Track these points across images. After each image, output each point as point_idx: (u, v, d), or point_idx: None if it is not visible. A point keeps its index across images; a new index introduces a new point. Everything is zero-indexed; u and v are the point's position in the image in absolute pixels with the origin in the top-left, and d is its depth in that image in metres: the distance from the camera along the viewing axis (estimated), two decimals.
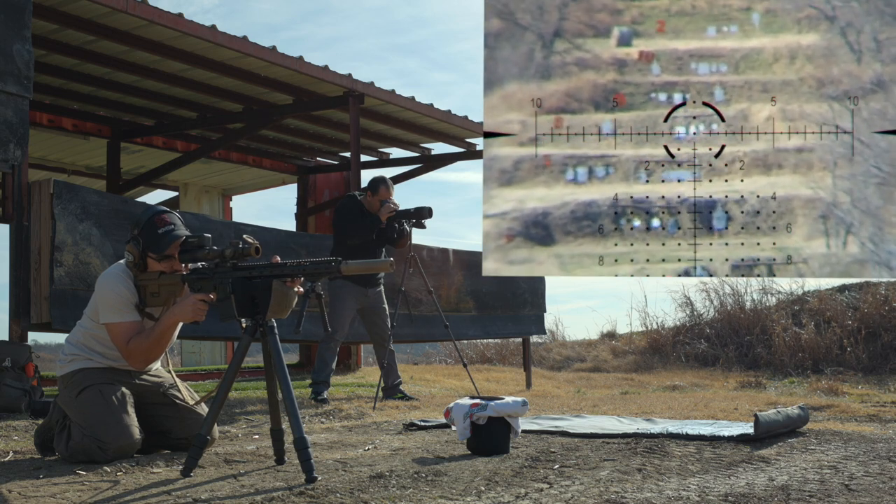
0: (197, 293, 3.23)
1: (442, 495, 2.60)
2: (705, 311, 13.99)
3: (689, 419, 4.85)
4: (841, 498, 2.62)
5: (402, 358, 14.65)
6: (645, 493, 2.66)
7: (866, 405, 6.51)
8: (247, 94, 8.48)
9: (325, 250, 6.86)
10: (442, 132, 9.92)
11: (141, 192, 11.67)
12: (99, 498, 2.60)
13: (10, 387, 4.98)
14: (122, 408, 3.31)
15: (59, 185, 5.25)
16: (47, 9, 6.25)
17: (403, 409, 5.70)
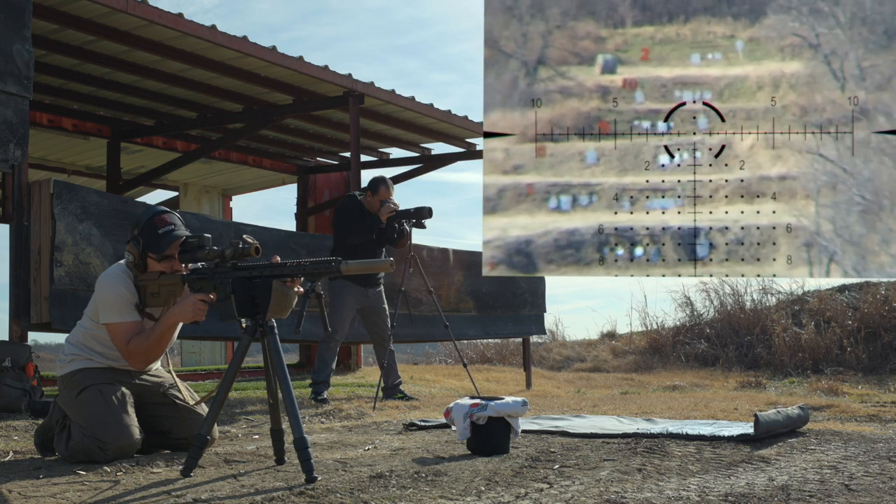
0: (197, 293, 3.23)
1: (442, 495, 2.60)
2: (705, 311, 14.00)
3: (689, 419, 4.85)
4: (841, 498, 2.62)
5: (402, 358, 14.65)
6: (645, 493, 2.66)
7: (866, 405, 6.50)
8: (247, 94, 8.48)
9: (325, 250, 6.86)
10: (442, 132, 9.92)
11: (141, 192, 11.67)
12: (99, 498, 2.60)
13: (10, 387, 4.98)
14: (122, 408, 3.31)
15: (59, 185, 5.25)
16: (47, 9, 6.25)
17: (403, 409, 5.70)
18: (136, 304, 3.38)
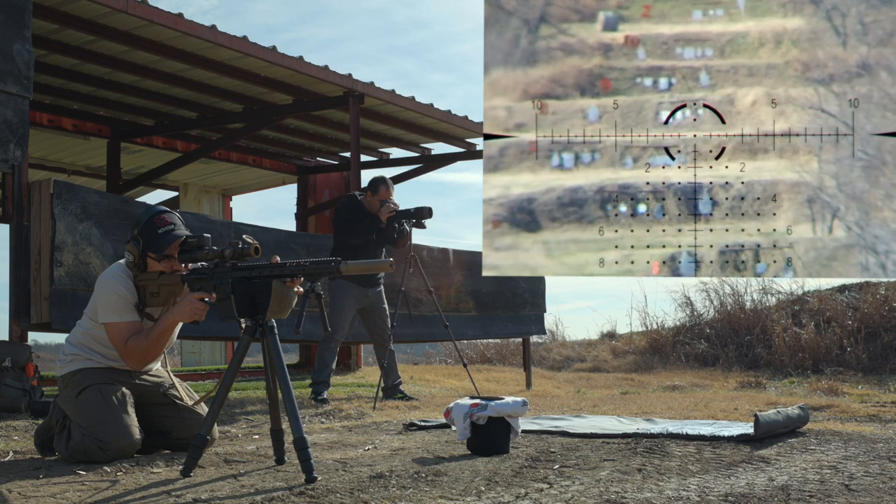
0: (196, 292, 3.23)
1: (442, 495, 2.60)
2: (705, 311, 14.00)
3: (689, 419, 4.85)
4: (841, 498, 2.62)
5: (402, 358, 14.65)
6: (645, 493, 2.66)
7: (866, 405, 6.50)
8: (247, 94, 8.48)
9: (325, 250, 6.86)
10: (442, 132, 9.93)
11: (141, 192, 11.67)
12: (99, 498, 2.60)
13: (10, 387, 4.98)
14: (122, 408, 3.31)
15: (59, 185, 5.25)
16: (47, 9, 6.25)
17: (403, 409, 5.70)
18: (136, 304, 3.38)
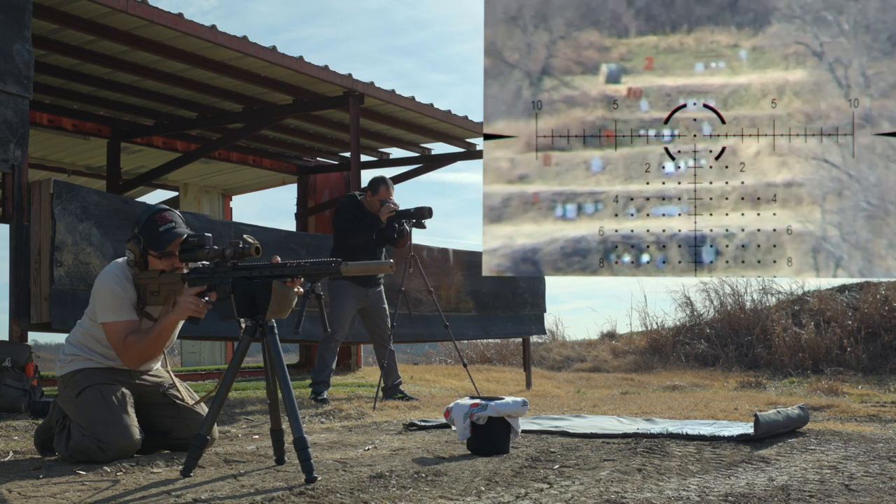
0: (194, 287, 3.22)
1: (442, 495, 2.60)
2: (705, 311, 14.01)
3: (689, 419, 4.85)
4: (841, 498, 2.62)
5: (402, 358, 14.65)
6: (645, 493, 2.66)
7: (866, 405, 6.50)
8: (247, 94, 8.48)
9: (325, 250, 6.86)
10: (442, 132, 9.92)
11: (141, 192, 11.68)
12: (99, 498, 2.60)
13: (10, 387, 4.98)
14: (122, 408, 3.31)
15: (59, 185, 5.25)
16: (47, 9, 6.25)
17: (403, 409, 5.70)
18: (135, 302, 3.38)
